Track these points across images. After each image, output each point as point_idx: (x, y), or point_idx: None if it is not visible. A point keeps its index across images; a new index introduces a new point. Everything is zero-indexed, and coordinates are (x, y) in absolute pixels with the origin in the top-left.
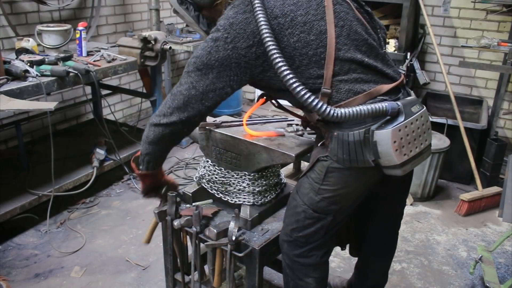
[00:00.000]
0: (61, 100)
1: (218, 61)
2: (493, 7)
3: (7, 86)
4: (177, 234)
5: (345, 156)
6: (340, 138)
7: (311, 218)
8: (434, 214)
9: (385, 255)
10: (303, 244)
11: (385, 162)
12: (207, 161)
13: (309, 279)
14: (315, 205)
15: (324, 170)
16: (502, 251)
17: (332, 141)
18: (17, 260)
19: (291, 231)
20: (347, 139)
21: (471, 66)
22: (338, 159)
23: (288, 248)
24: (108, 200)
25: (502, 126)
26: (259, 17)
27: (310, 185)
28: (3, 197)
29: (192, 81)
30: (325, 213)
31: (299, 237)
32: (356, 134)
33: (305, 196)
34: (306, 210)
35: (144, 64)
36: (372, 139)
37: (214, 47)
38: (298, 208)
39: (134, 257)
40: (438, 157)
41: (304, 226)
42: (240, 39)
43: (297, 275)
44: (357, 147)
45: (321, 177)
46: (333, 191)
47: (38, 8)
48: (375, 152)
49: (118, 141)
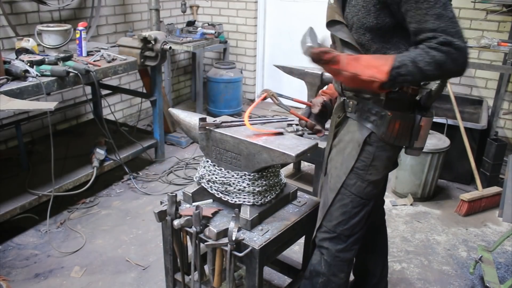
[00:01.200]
0: (61, 100)
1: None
2: (493, 7)
3: (7, 86)
4: (177, 234)
5: (392, 134)
6: (393, 118)
7: (358, 206)
8: (434, 214)
9: (380, 246)
10: (346, 238)
11: (417, 144)
12: (207, 161)
13: (343, 274)
14: (363, 192)
15: (371, 156)
16: (502, 251)
17: (383, 119)
18: (17, 260)
19: (335, 226)
20: (399, 120)
21: (471, 66)
22: (386, 135)
23: (330, 244)
24: (108, 200)
25: (502, 126)
26: None
27: (356, 175)
28: (3, 197)
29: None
30: (370, 198)
31: (344, 231)
32: (408, 117)
33: (352, 186)
34: (354, 199)
35: (144, 64)
36: (419, 123)
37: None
38: (344, 200)
39: (134, 257)
40: (438, 157)
41: (351, 217)
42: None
43: (333, 271)
44: (405, 128)
45: (367, 164)
46: (377, 174)
47: (38, 8)
48: (416, 134)
49: (118, 141)
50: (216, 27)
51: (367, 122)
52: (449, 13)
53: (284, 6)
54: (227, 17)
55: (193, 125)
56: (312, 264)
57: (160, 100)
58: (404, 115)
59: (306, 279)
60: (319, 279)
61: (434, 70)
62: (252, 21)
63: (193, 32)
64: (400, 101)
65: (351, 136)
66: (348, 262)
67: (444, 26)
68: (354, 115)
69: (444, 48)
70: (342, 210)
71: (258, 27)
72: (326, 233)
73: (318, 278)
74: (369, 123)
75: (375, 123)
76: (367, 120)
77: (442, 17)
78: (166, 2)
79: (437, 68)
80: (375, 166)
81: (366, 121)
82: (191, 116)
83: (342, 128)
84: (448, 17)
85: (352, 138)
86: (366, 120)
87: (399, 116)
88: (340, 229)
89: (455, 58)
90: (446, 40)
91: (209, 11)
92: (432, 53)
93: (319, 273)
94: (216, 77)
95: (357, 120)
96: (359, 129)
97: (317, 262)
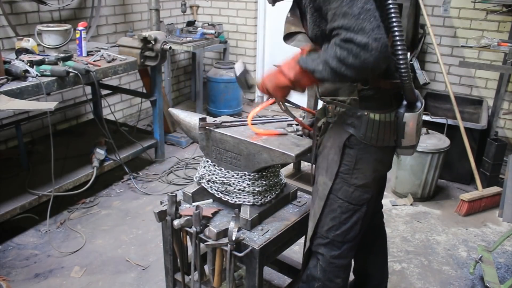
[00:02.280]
0: (61, 100)
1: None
2: (493, 7)
3: (7, 86)
4: (177, 234)
5: (373, 135)
6: (371, 118)
7: (347, 211)
8: (434, 214)
9: (379, 248)
10: (340, 244)
11: (406, 142)
12: (207, 161)
13: (339, 280)
14: (350, 197)
15: (353, 160)
16: (502, 251)
17: (361, 120)
18: (17, 260)
19: (327, 232)
20: (378, 119)
21: (471, 66)
22: (366, 137)
23: (325, 250)
24: (108, 200)
25: (502, 126)
26: None
27: (342, 179)
28: (3, 197)
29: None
30: (360, 203)
31: (336, 236)
32: (387, 115)
33: (338, 191)
34: (341, 204)
35: (144, 64)
36: (402, 121)
37: None
38: (333, 205)
39: (134, 257)
40: (438, 157)
41: (341, 222)
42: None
43: (328, 277)
44: (386, 127)
45: (351, 167)
46: (364, 178)
47: (38, 8)
48: (401, 132)
49: (118, 141)
50: (216, 27)
51: (346, 125)
52: (355, 10)
53: (284, 6)
54: (227, 17)
55: (193, 125)
56: (309, 268)
57: (160, 100)
58: (383, 114)
59: (303, 282)
60: (315, 283)
61: (338, 64)
62: (252, 21)
63: (193, 32)
64: (376, 99)
65: (332, 141)
66: (344, 268)
67: (347, 23)
68: (334, 119)
69: (345, 45)
70: (331, 215)
71: (258, 27)
72: (320, 239)
73: (314, 283)
74: (348, 126)
75: (353, 125)
76: (346, 123)
77: (347, 15)
78: (166, 2)
79: (340, 63)
80: (360, 170)
81: (345, 124)
82: (191, 116)
83: (325, 134)
84: (353, 15)
85: (333, 143)
86: (345, 123)
87: (378, 115)
88: (332, 234)
89: (356, 54)
90: (347, 37)
91: (209, 11)
92: (335, 49)
93: (315, 278)
94: (216, 77)
95: (337, 124)
96: (339, 133)
97: (313, 267)
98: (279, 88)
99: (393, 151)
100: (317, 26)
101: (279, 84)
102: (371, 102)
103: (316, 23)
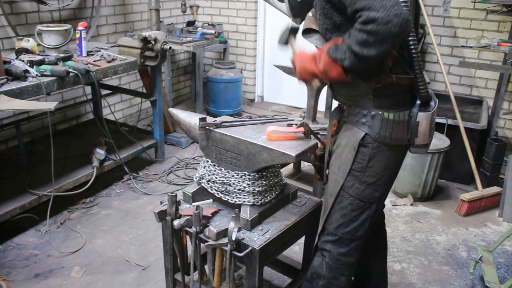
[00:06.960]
0: (61, 100)
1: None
2: (493, 7)
3: (7, 86)
4: (177, 234)
5: (387, 134)
6: (385, 117)
7: (357, 209)
8: (434, 214)
9: (379, 247)
10: (348, 242)
11: (419, 141)
12: (207, 161)
13: (343, 278)
14: (361, 194)
15: (366, 158)
16: (502, 251)
17: (374, 119)
18: (17, 260)
19: (336, 229)
20: (392, 118)
21: (471, 66)
22: (380, 136)
23: (333, 247)
24: (108, 200)
25: (502, 126)
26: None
27: (354, 177)
28: (3, 197)
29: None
30: (370, 201)
31: (345, 234)
32: (401, 114)
33: (349, 188)
34: (352, 201)
35: (144, 64)
36: (415, 120)
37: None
38: (343, 202)
39: (134, 257)
40: (438, 157)
41: (351, 219)
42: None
43: (334, 274)
44: (400, 126)
45: (364, 165)
46: (375, 176)
47: (38, 8)
48: (414, 131)
49: (118, 141)
50: (216, 27)
51: (361, 124)
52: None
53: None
54: (227, 17)
55: (193, 125)
56: (313, 266)
57: (160, 100)
58: (397, 113)
59: (307, 281)
60: (319, 281)
61: (360, 48)
62: (252, 21)
63: (193, 32)
64: (390, 98)
65: (347, 140)
66: (350, 266)
67: (368, 3)
68: (349, 119)
69: (365, 27)
70: (342, 212)
71: (258, 27)
72: (329, 236)
73: (319, 281)
74: (362, 125)
75: (368, 124)
76: (360, 122)
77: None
78: (166, 2)
79: (362, 46)
80: (372, 168)
81: (359, 123)
82: (191, 116)
83: (340, 132)
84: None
85: (348, 142)
86: (360, 122)
87: (392, 114)
88: (341, 231)
89: (376, 32)
90: (370, 17)
91: (209, 11)
92: (356, 34)
93: (320, 276)
94: (216, 77)
95: (352, 123)
96: (354, 132)
97: (318, 264)
98: (306, 71)
99: (406, 150)
100: (328, 18)
101: (308, 69)
102: (385, 101)
103: (328, 15)
